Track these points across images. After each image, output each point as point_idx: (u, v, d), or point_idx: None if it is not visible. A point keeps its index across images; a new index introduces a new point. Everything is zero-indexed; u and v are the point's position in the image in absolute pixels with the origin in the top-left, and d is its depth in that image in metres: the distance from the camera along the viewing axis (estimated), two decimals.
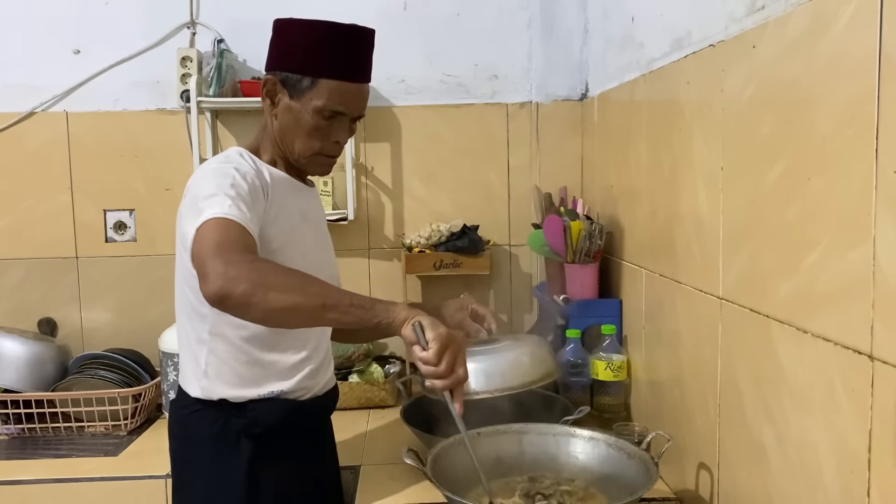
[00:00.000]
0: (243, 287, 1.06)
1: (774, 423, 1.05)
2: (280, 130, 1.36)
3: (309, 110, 1.32)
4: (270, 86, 1.34)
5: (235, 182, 1.22)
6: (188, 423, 1.39)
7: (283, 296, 1.08)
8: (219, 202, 1.17)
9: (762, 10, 1.07)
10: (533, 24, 2.24)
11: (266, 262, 1.14)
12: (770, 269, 1.05)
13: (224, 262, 1.08)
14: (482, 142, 2.27)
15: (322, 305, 1.10)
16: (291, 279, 1.12)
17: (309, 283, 1.13)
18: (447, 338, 1.12)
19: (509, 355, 1.51)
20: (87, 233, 2.24)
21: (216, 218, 1.15)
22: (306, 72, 1.31)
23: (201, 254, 1.11)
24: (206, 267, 1.09)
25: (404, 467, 1.31)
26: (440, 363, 1.11)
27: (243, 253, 1.11)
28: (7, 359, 2.00)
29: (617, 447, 1.36)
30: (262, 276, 1.08)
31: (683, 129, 1.37)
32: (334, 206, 2.20)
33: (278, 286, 1.08)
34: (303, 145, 1.36)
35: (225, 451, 1.35)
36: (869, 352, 0.83)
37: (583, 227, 1.81)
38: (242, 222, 1.16)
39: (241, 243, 1.13)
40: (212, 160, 1.33)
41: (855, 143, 0.85)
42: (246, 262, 1.09)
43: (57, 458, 1.84)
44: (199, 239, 1.14)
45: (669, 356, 1.48)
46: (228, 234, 1.13)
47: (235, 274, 1.07)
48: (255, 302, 1.07)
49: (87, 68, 2.21)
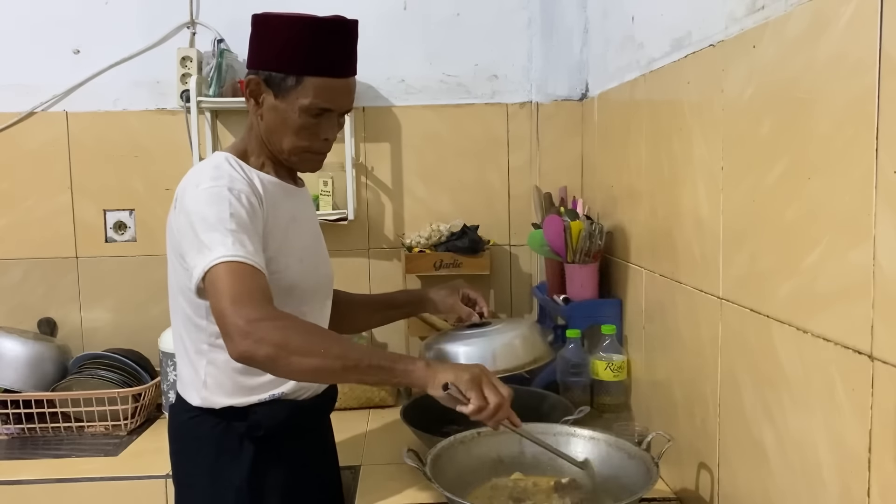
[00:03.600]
0: (266, 350, 1.11)
1: (774, 422, 1.05)
2: (267, 130, 1.33)
3: (295, 109, 1.29)
4: (254, 86, 1.31)
5: (234, 211, 1.21)
6: (189, 427, 1.38)
7: (306, 360, 1.12)
8: (221, 240, 1.17)
9: (762, 10, 1.07)
10: (533, 24, 2.24)
11: (287, 320, 1.15)
12: (770, 269, 1.05)
13: (246, 321, 1.10)
14: (482, 142, 2.27)
15: (343, 367, 1.14)
16: (314, 340, 1.14)
17: (331, 343, 1.15)
18: (476, 381, 1.15)
19: (501, 338, 1.52)
20: (87, 233, 2.24)
21: (225, 262, 1.15)
22: (290, 70, 1.28)
23: (219, 309, 1.13)
24: (228, 326, 1.12)
25: (404, 467, 1.31)
26: (487, 406, 1.15)
27: (262, 306, 1.13)
28: (7, 359, 2.00)
29: (617, 447, 1.36)
30: (285, 338, 1.12)
31: (683, 129, 1.37)
32: (334, 206, 2.20)
33: (301, 349, 1.12)
34: (291, 144, 1.33)
35: (228, 455, 1.35)
36: (869, 352, 0.83)
37: (583, 227, 1.81)
38: (251, 262, 1.17)
39: (256, 293, 1.14)
40: (203, 174, 1.28)
41: (855, 143, 0.84)
42: (268, 322, 1.11)
43: (57, 458, 1.84)
44: (212, 288, 1.15)
45: (669, 356, 1.48)
46: (242, 282, 1.14)
47: (259, 337, 1.10)
48: (279, 365, 1.13)
49: (87, 68, 2.21)
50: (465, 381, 1.14)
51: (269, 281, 1.23)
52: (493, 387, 1.16)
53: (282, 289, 1.30)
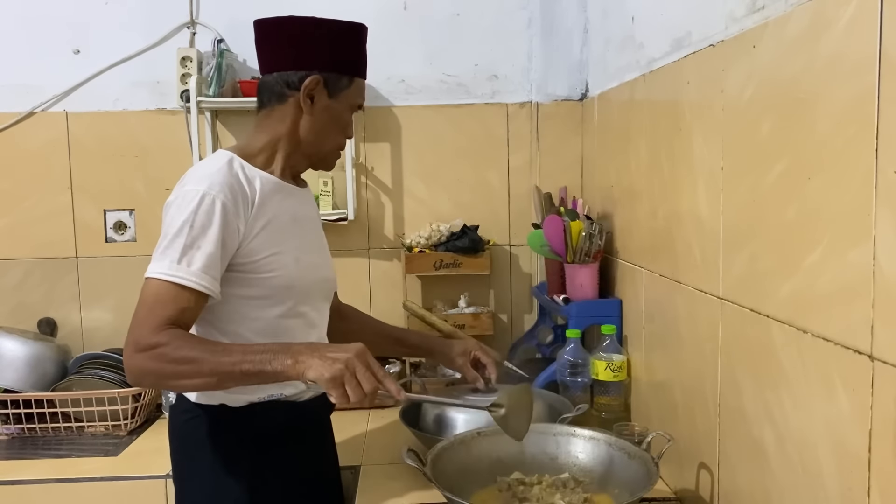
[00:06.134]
0: (149, 381, 1.31)
1: (774, 423, 1.05)
2: (312, 130, 1.36)
3: (346, 108, 1.38)
4: (313, 85, 1.34)
5: (199, 220, 1.22)
6: (190, 428, 1.38)
7: (184, 381, 1.19)
8: (170, 253, 1.21)
9: (762, 10, 1.07)
10: (533, 24, 2.24)
11: (163, 347, 1.17)
12: (770, 269, 1.05)
13: (132, 349, 1.17)
14: (482, 142, 2.27)
15: (219, 381, 1.18)
16: (185, 364, 1.16)
17: (202, 360, 1.16)
18: (338, 379, 1.13)
19: None
20: (87, 233, 2.24)
21: (156, 279, 1.20)
22: (345, 71, 1.36)
23: (132, 322, 1.20)
24: (126, 347, 1.19)
25: (404, 467, 1.31)
26: (353, 399, 1.14)
27: (153, 334, 1.17)
28: (7, 359, 2.00)
29: (617, 447, 1.36)
30: (159, 368, 1.17)
31: (683, 129, 1.37)
32: (334, 206, 2.20)
33: (176, 374, 1.17)
34: (334, 143, 1.41)
35: (228, 456, 1.35)
36: (869, 352, 0.83)
37: (583, 227, 1.81)
38: (183, 282, 1.20)
39: (160, 318, 1.18)
40: (194, 173, 1.30)
41: (855, 143, 0.84)
42: (145, 354, 1.17)
43: (57, 458, 1.84)
44: (139, 298, 1.21)
45: (669, 356, 1.48)
46: (156, 305, 1.19)
47: (138, 369, 1.19)
48: (166, 388, 1.34)
49: (87, 68, 2.21)
50: (325, 381, 1.12)
51: (262, 280, 1.29)
52: (356, 381, 1.13)
53: (278, 288, 1.32)
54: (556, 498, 1.26)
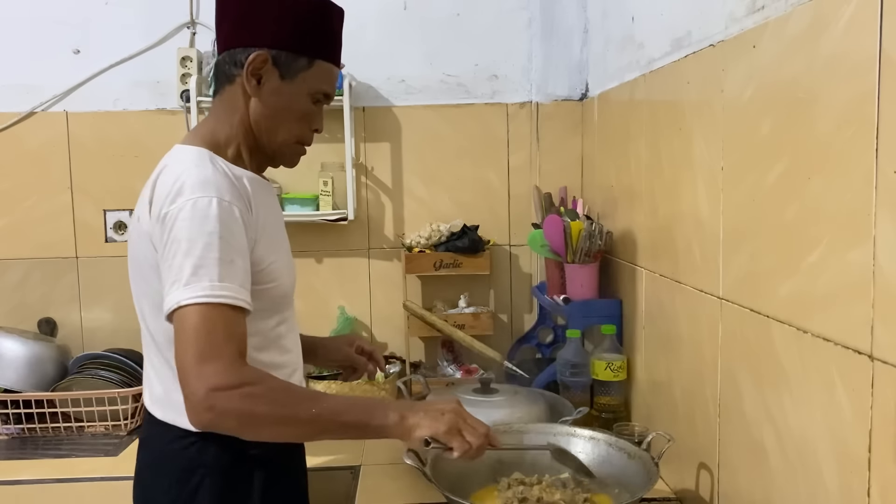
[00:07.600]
0: (230, 424, 1.03)
1: (774, 423, 1.05)
2: (262, 115, 1.20)
3: (303, 93, 1.20)
4: (259, 62, 1.16)
5: (225, 231, 1.07)
6: (188, 456, 1.18)
7: (275, 429, 1.06)
8: (205, 272, 1.04)
9: (762, 10, 1.07)
10: (533, 24, 2.24)
11: (255, 386, 1.03)
12: (770, 269, 1.05)
13: (207, 389, 1.00)
14: (482, 142, 2.27)
15: (314, 432, 1.09)
16: (282, 407, 1.04)
17: (300, 407, 1.06)
18: (454, 429, 1.11)
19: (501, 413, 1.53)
20: (87, 233, 2.24)
21: (199, 304, 1.02)
22: (303, 51, 1.18)
23: (182, 363, 1.02)
24: (189, 392, 1.01)
25: (404, 467, 1.31)
26: (471, 449, 1.12)
27: (229, 369, 1.01)
28: (7, 359, 2.00)
29: (617, 447, 1.36)
30: (251, 409, 1.02)
31: (683, 129, 1.37)
32: (334, 206, 2.19)
33: (268, 418, 1.04)
34: (287, 133, 1.22)
35: (239, 484, 1.21)
36: (869, 352, 0.83)
37: (583, 227, 1.81)
38: (233, 302, 1.05)
39: (227, 349, 1.02)
40: (186, 178, 1.10)
41: (855, 143, 0.85)
42: (232, 392, 1.01)
43: (57, 458, 1.83)
44: (179, 333, 1.03)
45: (669, 356, 1.48)
46: (214, 334, 1.02)
47: (222, 410, 1.00)
48: (247, 436, 1.08)
49: (87, 68, 2.21)
50: (443, 434, 1.09)
51: (264, 291, 1.16)
52: (471, 427, 1.12)
53: (277, 298, 1.22)
54: (556, 498, 1.26)
